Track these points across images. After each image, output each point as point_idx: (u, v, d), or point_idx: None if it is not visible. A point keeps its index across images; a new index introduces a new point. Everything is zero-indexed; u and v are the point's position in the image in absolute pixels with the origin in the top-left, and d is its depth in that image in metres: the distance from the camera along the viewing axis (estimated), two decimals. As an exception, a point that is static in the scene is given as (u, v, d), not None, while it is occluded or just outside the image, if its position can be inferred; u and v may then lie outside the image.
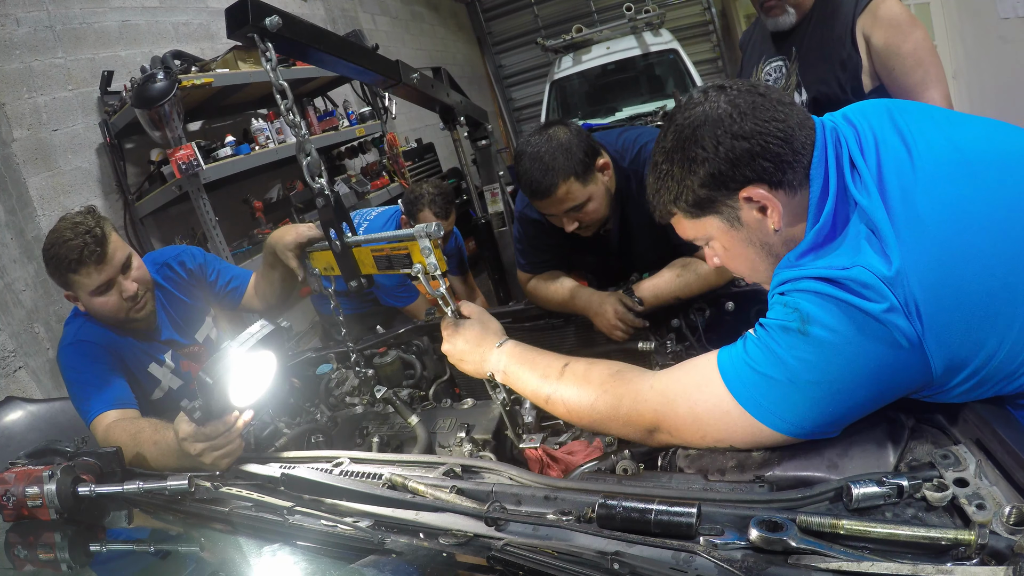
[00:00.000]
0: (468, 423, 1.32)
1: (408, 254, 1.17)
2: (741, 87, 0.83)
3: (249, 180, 3.66)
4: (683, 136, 0.83)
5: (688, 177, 0.84)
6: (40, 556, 1.08)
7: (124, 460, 1.20)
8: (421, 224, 1.13)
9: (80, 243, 1.41)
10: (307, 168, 1.24)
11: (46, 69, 2.75)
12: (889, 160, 0.79)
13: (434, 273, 1.13)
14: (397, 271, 1.21)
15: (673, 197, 0.87)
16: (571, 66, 6.20)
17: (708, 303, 1.57)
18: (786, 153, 0.79)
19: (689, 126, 0.83)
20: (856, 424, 0.79)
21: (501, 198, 2.96)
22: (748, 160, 0.79)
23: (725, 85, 0.84)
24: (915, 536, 0.62)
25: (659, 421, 0.87)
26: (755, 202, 0.82)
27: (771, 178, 0.80)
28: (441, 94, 2.11)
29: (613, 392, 0.92)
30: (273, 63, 1.18)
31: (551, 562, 0.68)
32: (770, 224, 0.83)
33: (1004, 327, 0.72)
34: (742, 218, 0.84)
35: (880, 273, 0.71)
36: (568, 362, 1.01)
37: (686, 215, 0.89)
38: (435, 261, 1.13)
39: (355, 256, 1.29)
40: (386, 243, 1.22)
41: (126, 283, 1.49)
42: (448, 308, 1.18)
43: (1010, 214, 0.74)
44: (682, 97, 1.03)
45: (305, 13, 5.01)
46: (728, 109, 0.81)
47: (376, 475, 0.99)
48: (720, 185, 0.82)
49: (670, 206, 0.89)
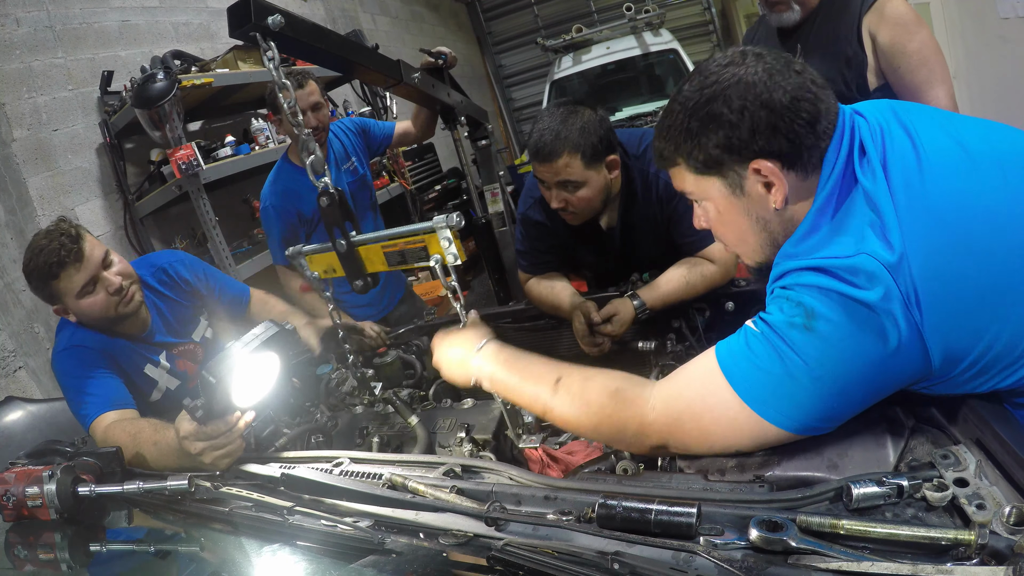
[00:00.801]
0: (468, 423, 1.32)
1: (424, 247, 1.16)
2: (779, 59, 0.81)
3: (249, 180, 3.65)
4: (709, 93, 0.81)
5: (705, 134, 0.81)
6: (40, 556, 1.08)
7: (124, 460, 1.20)
8: (440, 216, 1.12)
9: (56, 246, 1.42)
10: (311, 166, 1.24)
11: (46, 69, 2.75)
12: (895, 151, 0.79)
13: (454, 264, 1.12)
14: (412, 266, 1.20)
15: (685, 150, 0.85)
16: (571, 66, 6.20)
17: (708, 303, 1.57)
18: (807, 135, 0.79)
19: (719, 83, 0.80)
20: (856, 423, 0.79)
21: (501, 198, 2.95)
22: (769, 133, 0.78)
23: (763, 53, 0.82)
24: (915, 536, 0.62)
25: (666, 440, 0.86)
26: (763, 176, 0.81)
27: (785, 156, 0.79)
28: (442, 94, 2.11)
29: (616, 418, 0.89)
30: (276, 62, 1.18)
31: (551, 562, 0.68)
32: (772, 202, 0.82)
33: (1003, 318, 0.72)
34: (746, 188, 0.83)
35: (884, 259, 0.71)
36: (561, 375, 0.97)
37: (691, 169, 0.86)
38: (455, 251, 1.11)
39: (361, 255, 1.28)
40: (399, 238, 1.20)
41: (109, 277, 1.49)
42: (458, 304, 1.17)
43: (1011, 209, 0.75)
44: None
45: (305, 13, 4.99)
46: (764, 77, 0.78)
47: (376, 475, 0.99)
48: (734, 150, 0.80)
49: (677, 156, 0.87)
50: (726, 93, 0.80)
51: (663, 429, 0.85)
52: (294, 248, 1.44)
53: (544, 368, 1.00)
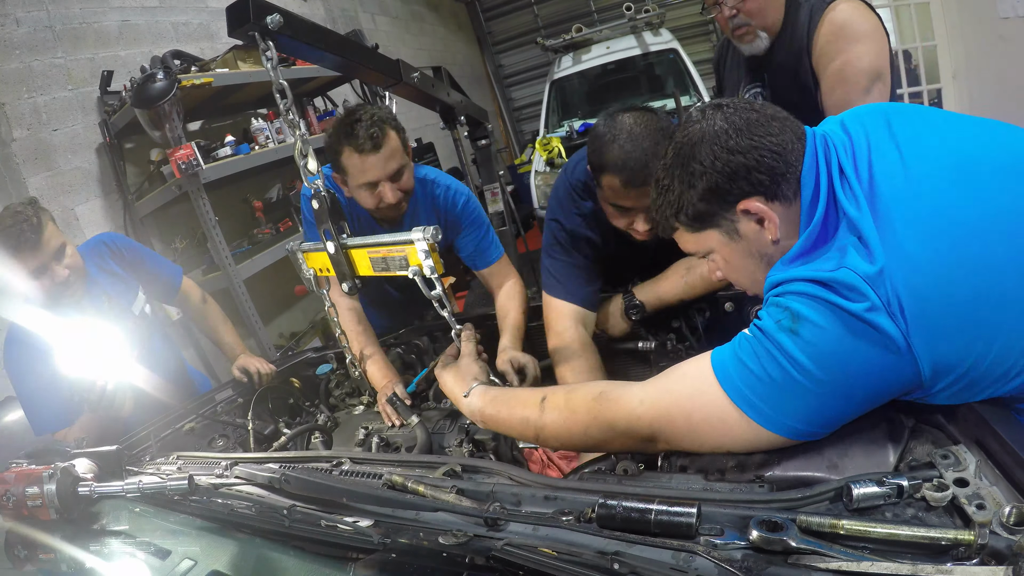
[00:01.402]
0: (468, 424, 1.32)
1: (406, 256, 1.17)
2: (738, 105, 0.87)
3: (249, 180, 3.65)
4: (683, 153, 0.87)
5: (687, 191, 0.87)
6: (40, 556, 1.08)
7: (124, 460, 1.20)
8: (418, 227, 1.12)
9: (17, 231, 1.49)
10: (304, 169, 1.24)
11: (46, 69, 2.75)
12: (881, 167, 0.80)
13: (431, 276, 1.13)
14: (394, 274, 1.21)
15: (674, 211, 0.91)
16: (571, 66, 6.20)
17: (708, 303, 1.57)
18: (779, 166, 0.83)
19: (688, 143, 0.87)
20: (856, 424, 0.80)
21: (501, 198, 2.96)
22: (744, 173, 0.83)
23: (722, 104, 0.88)
24: (915, 536, 0.62)
25: (655, 434, 0.87)
26: (752, 214, 0.84)
27: (767, 191, 0.83)
28: (441, 94, 2.11)
29: (603, 417, 0.91)
30: (274, 62, 1.18)
31: (551, 562, 0.68)
32: (767, 235, 0.85)
33: (993, 330, 0.72)
34: (740, 230, 0.87)
35: (863, 272, 0.73)
36: (545, 395, 1.00)
37: (687, 229, 0.92)
38: (432, 264, 1.13)
39: (351, 257, 1.29)
40: (382, 245, 1.22)
41: (58, 268, 1.57)
42: (445, 312, 1.18)
43: (1003, 219, 0.75)
44: (682, 97, 1.05)
45: (305, 13, 4.99)
46: (724, 126, 0.84)
47: (376, 475, 0.99)
48: (718, 198, 0.85)
49: (672, 220, 0.92)
50: (695, 150, 0.86)
51: (652, 421, 0.86)
52: (293, 243, 1.45)
53: (528, 395, 1.04)
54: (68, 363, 1.44)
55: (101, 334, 1.48)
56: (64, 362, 1.46)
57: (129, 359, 1.56)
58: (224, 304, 2.09)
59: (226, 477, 1.11)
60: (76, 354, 1.44)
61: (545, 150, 5.07)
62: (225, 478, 1.11)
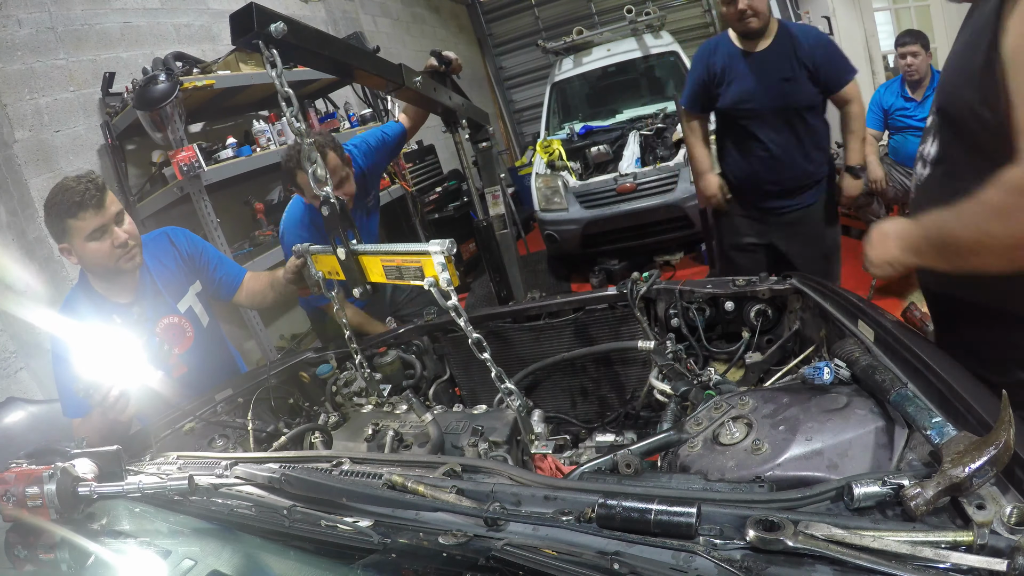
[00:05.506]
0: (480, 427, 1.32)
1: (421, 267, 1.17)
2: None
3: (250, 182, 3.66)
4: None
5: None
6: (40, 556, 1.08)
7: (124, 460, 1.20)
8: (436, 240, 1.13)
9: (82, 188, 1.55)
10: (313, 176, 1.25)
11: (48, 70, 2.76)
12: None
13: (447, 288, 1.13)
14: (408, 283, 1.22)
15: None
16: (572, 68, 6.20)
17: (708, 303, 1.57)
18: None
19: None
20: (856, 424, 0.79)
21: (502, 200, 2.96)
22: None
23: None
24: (915, 536, 0.61)
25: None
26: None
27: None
28: (443, 97, 2.11)
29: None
30: (279, 70, 1.17)
31: (551, 562, 0.68)
32: None
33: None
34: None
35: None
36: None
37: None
38: (448, 276, 1.13)
39: (362, 263, 1.30)
40: (397, 254, 1.22)
41: (119, 231, 1.62)
42: (461, 320, 1.18)
43: None
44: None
45: (306, 15, 5.02)
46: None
47: (376, 475, 0.99)
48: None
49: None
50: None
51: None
52: (302, 246, 1.46)
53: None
54: (87, 361, 1.48)
55: (123, 341, 1.55)
56: (84, 359, 1.51)
57: (141, 366, 1.60)
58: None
59: (226, 477, 1.11)
60: (95, 355, 1.48)
61: (546, 152, 5.07)
62: (225, 478, 1.11)
